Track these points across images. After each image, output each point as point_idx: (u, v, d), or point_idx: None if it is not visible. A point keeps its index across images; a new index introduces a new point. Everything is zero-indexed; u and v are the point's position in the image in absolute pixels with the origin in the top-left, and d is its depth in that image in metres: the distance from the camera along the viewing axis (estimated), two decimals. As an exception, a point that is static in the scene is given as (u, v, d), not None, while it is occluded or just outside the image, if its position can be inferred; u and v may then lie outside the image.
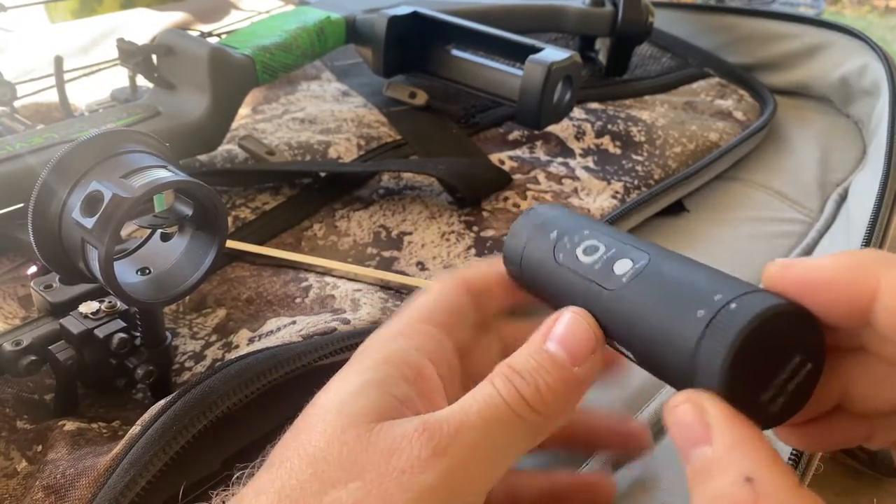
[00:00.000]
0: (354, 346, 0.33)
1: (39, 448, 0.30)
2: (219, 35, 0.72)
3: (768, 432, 0.20)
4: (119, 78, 0.61)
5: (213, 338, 0.37)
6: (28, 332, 0.32)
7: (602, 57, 0.72)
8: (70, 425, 0.31)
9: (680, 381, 0.20)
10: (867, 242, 0.43)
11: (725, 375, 0.18)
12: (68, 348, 0.31)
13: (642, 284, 0.21)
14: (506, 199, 0.50)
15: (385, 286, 0.41)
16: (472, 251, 0.44)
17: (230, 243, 0.42)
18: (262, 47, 0.52)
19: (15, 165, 0.38)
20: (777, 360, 0.19)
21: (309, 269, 0.42)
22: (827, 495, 0.20)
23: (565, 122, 0.59)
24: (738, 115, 0.65)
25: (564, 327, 0.22)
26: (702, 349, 0.19)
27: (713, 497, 0.17)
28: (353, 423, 0.20)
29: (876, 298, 0.18)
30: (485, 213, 0.48)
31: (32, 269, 0.37)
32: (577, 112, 0.62)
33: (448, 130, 0.59)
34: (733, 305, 0.18)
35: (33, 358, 0.31)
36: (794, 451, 0.29)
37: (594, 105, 0.64)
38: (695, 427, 0.18)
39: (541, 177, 0.53)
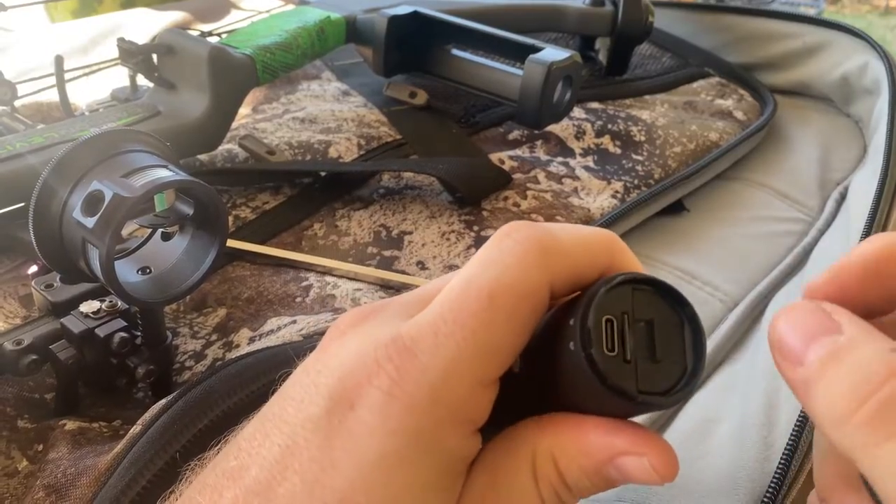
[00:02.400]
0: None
1: (40, 447, 0.30)
2: (219, 34, 0.72)
3: None
4: (119, 77, 0.61)
5: (214, 337, 0.37)
6: (29, 331, 0.32)
7: (602, 57, 0.72)
8: (71, 424, 0.31)
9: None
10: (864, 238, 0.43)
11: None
12: (69, 347, 0.31)
13: None
14: (506, 198, 0.50)
15: (385, 286, 0.41)
16: (472, 251, 0.44)
17: (231, 243, 0.42)
18: (263, 47, 0.52)
19: (16, 165, 0.38)
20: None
21: (309, 268, 0.42)
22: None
23: (565, 122, 0.59)
24: (738, 114, 0.65)
25: None
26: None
27: (862, 363, 0.17)
28: None
29: None
30: (485, 213, 0.48)
31: (33, 269, 0.37)
32: (577, 112, 0.62)
33: (448, 130, 0.59)
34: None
35: (34, 357, 0.31)
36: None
37: (594, 105, 0.64)
38: (819, 321, 0.18)
39: (541, 176, 0.53)
